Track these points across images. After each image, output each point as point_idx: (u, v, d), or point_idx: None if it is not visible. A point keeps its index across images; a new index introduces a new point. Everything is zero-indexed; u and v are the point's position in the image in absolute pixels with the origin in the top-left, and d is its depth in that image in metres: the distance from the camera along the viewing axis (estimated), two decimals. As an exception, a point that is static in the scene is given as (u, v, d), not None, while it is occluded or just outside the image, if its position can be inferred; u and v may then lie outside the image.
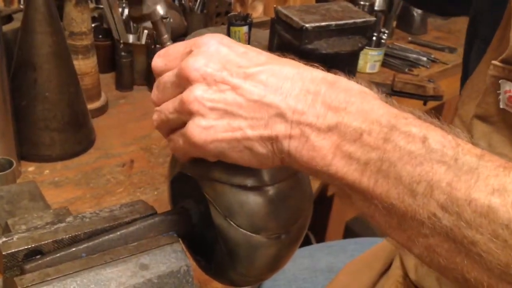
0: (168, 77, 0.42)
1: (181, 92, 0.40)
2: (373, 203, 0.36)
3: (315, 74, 0.39)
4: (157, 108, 0.43)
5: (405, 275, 0.74)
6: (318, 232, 1.64)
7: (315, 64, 0.40)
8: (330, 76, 0.39)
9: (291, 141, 0.37)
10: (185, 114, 0.39)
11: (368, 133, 0.35)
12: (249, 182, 0.44)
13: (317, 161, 0.37)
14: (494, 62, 0.55)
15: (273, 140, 0.38)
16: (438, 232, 0.33)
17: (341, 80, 0.38)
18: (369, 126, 0.35)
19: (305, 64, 0.40)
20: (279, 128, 0.37)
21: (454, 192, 0.33)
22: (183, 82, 0.39)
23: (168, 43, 1.04)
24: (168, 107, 0.41)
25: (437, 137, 0.34)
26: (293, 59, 0.41)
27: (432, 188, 0.33)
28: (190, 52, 0.40)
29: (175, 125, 0.42)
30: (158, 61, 0.43)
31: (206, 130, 0.38)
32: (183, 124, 0.40)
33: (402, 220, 0.35)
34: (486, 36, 0.63)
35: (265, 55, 0.41)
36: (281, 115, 0.37)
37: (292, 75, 0.38)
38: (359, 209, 0.38)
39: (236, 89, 0.38)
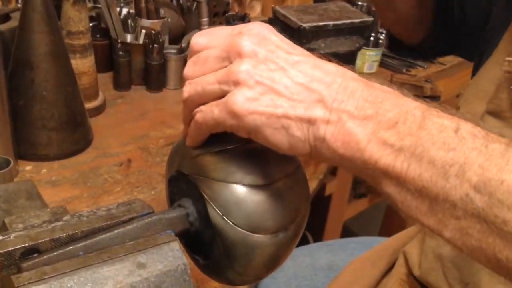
0: (210, 52, 0.43)
1: (225, 67, 0.42)
2: (405, 187, 0.37)
3: (354, 74, 0.41)
4: (191, 80, 0.44)
5: (409, 272, 0.75)
6: (316, 232, 1.64)
7: (352, 67, 0.43)
8: (365, 79, 0.42)
9: (328, 126, 0.39)
10: (230, 85, 0.41)
11: (402, 122, 0.37)
12: (247, 180, 0.44)
13: (352, 145, 0.38)
14: (508, 58, 0.57)
15: (311, 123, 0.39)
16: (471, 213, 0.35)
17: (375, 83, 0.41)
18: (403, 116, 0.38)
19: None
20: (318, 113, 0.39)
21: (486, 174, 0.34)
22: (232, 55, 0.41)
23: (206, 27, 1.05)
24: (208, 79, 0.42)
25: (468, 128, 0.36)
26: (330, 60, 0.43)
27: (465, 170, 0.35)
28: (239, 34, 0.42)
29: (210, 97, 0.42)
30: (200, 38, 0.45)
31: (249, 101, 0.40)
32: (221, 95, 0.41)
33: (435, 203, 0.36)
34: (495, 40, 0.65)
35: (307, 52, 0.43)
36: (322, 101, 0.39)
37: (333, 71, 0.41)
38: (390, 196, 0.39)
39: (283, 71, 0.40)
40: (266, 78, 0.40)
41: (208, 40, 0.44)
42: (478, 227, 0.35)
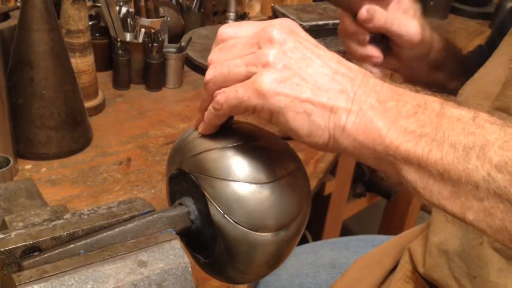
0: (239, 40, 0.45)
1: (253, 53, 0.43)
2: (427, 172, 0.38)
3: (372, 75, 0.43)
4: (216, 63, 0.45)
5: (414, 269, 0.75)
6: (315, 231, 1.64)
7: None
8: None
9: (349, 115, 0.40)
10: (258, 66, 0.42)
11: (422, 112, 0.39)
12: (248, 179, 0.44)
13: (373, 132, 0.39)
14: None
15: (333, 111, 0.41)
16: (493, 193, 0.36)
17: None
18: (422, 107, 0.39)
19: None
20: (341, 103, 0.41)
21: (506, 153, 0.35)
22: (262, 42, 0.43)
23: (230, 21, 1.08)
24: (235, 61, 0.43)
25: (485, 117, 0.38)
26: (349, 60, 0.45)
27: (485, 151, 0.36)
28: (270, 25, 0.44)
29: (235, 78, 0.43)
30: (228, 29, 0.46)
31: (276, 82, 0.41)
32: (246, 77, 0.43)
33: (457, 186, 0.37)
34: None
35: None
36: (344, 92, 0.41)
37: (356, 68, 0.43)
38: (411, 183, 0.39)
39: (310, 60, 0.42)
40: (294, 64, 0.41)
41: (236, 30, 0.46)
42: (501, 207, 0.36)
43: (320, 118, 0.41)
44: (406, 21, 0.67)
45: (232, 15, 0.82)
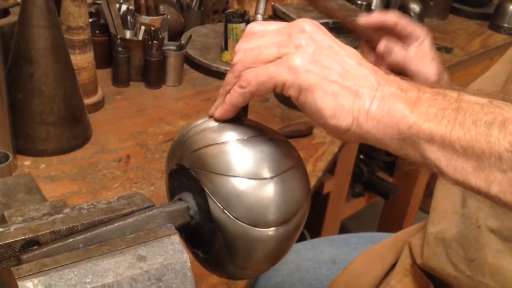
0: (268, 31, 0.47)
1: (283, 39, 0.45)
2: (450, 148, 0.39)
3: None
4: (245, 49, 0.47)
5: (413, 262, 0.76)
6: (314, 230, 1.64)
7: None
8: None
9: (373, 100, 0.42)
10: (290, 47, 0.44)
11: (441, 98, 0.41)
12: (248, 174, 0.44)
13: (397, 113, 0.41)
14: None
15: (358, 95, 0.43)
16: None
17: None
18: (441, 94, 0.41)
19: None
20: (365, 89, 0.43)
21: None
22: (293, 31, 0.45)
23: (258, 20, 1.10)
24: (266, 45, 0.46)
25: (500, 101, 0.40)
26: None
27: (506, 125, 0.37)
28: (300, 20, 0.46)
29: (265, 60, 0.45)
30: (256, 25, 0.49)
31: (307, 61, 0.43)
32: (276, 58, 0.45)
33: (480, 160, 0.38)
34: None
35: None
36: (369, 80, 0.43)
37: (376, 67, 0.45)
38: (433, 162, 0.40)
39: (338, 51, 0.45)
40: (323, 51, 0.44)
41: (264, 26, 0.48)
42: None
43: (346, 100, 0.43)
44: (424, 63, 0.68)
45: (259, 17, 0.83)
